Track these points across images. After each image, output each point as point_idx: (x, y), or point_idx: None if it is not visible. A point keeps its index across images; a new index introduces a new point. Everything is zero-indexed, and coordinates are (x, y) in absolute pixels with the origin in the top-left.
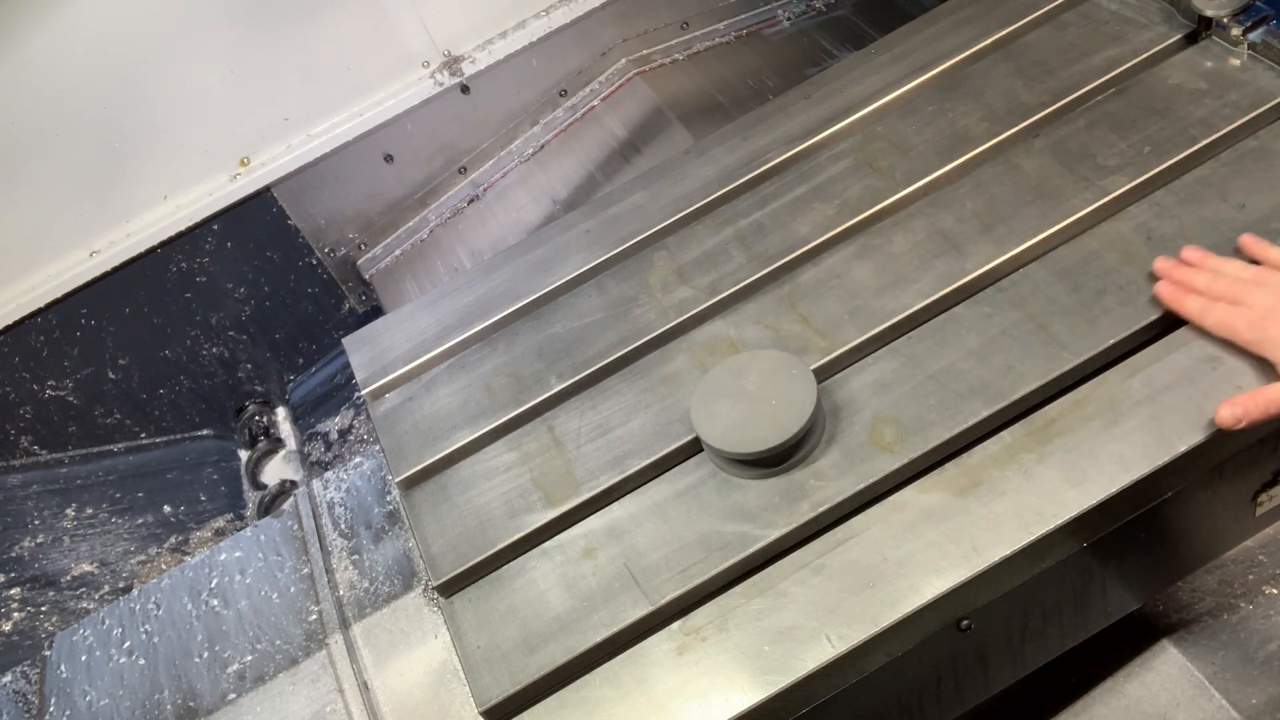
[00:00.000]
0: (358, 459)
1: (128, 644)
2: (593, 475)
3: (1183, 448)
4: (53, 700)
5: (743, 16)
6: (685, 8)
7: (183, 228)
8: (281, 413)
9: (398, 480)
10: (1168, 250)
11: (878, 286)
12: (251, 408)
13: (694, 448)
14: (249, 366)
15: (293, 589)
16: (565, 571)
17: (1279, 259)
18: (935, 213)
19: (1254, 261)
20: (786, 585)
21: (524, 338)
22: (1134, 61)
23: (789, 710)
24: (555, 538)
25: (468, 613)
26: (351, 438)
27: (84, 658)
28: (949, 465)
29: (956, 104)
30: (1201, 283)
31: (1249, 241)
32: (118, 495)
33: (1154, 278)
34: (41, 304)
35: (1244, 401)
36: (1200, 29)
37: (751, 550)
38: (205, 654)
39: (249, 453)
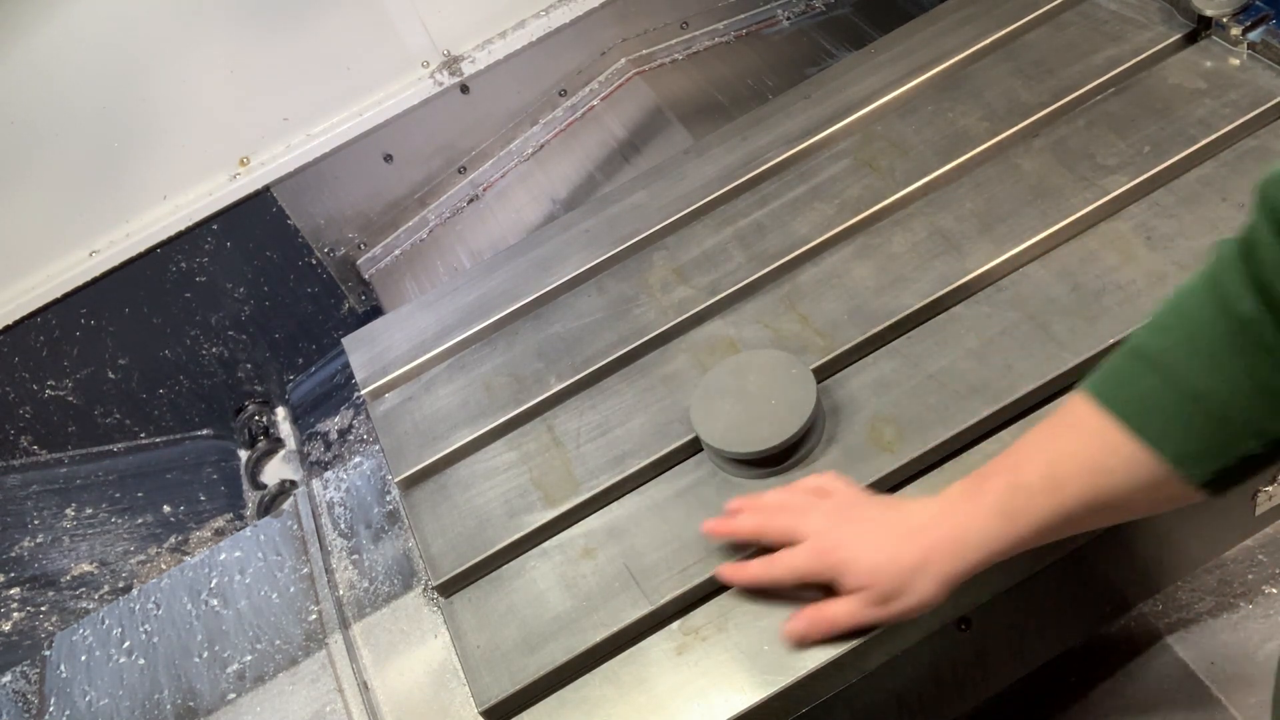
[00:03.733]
0: (357, 459)
1: (127, 644)
2: (592, 475)
3: None
4: (52, 700)
5: (742, 16)
6: (685, 8)
7: (182, 228)
8: (281, 412)
9: (397, 480)
10: (1168, 250)
11: (877, 286)
12: (251, 407)
13: (694, 447)
14: (249, 366)
15: (292, 589)
16: (565, 571)
17: (816, 482)
18: (935, 212)
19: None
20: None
21: (524, 337)
22: (1134, 61)
23: (789, 710)
24: (555, 537)
25: (467, 612)
26: (351, 437)
27: (84, 657)
28: (948, 465)
29: (956, 104)
30: (754, 528)
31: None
32: (117, 495)
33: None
34: (41, 304)
35: (805, 624)
36: (1200, 29)
37: (751, 550)
38: (205, 654)
39: (249, 453)
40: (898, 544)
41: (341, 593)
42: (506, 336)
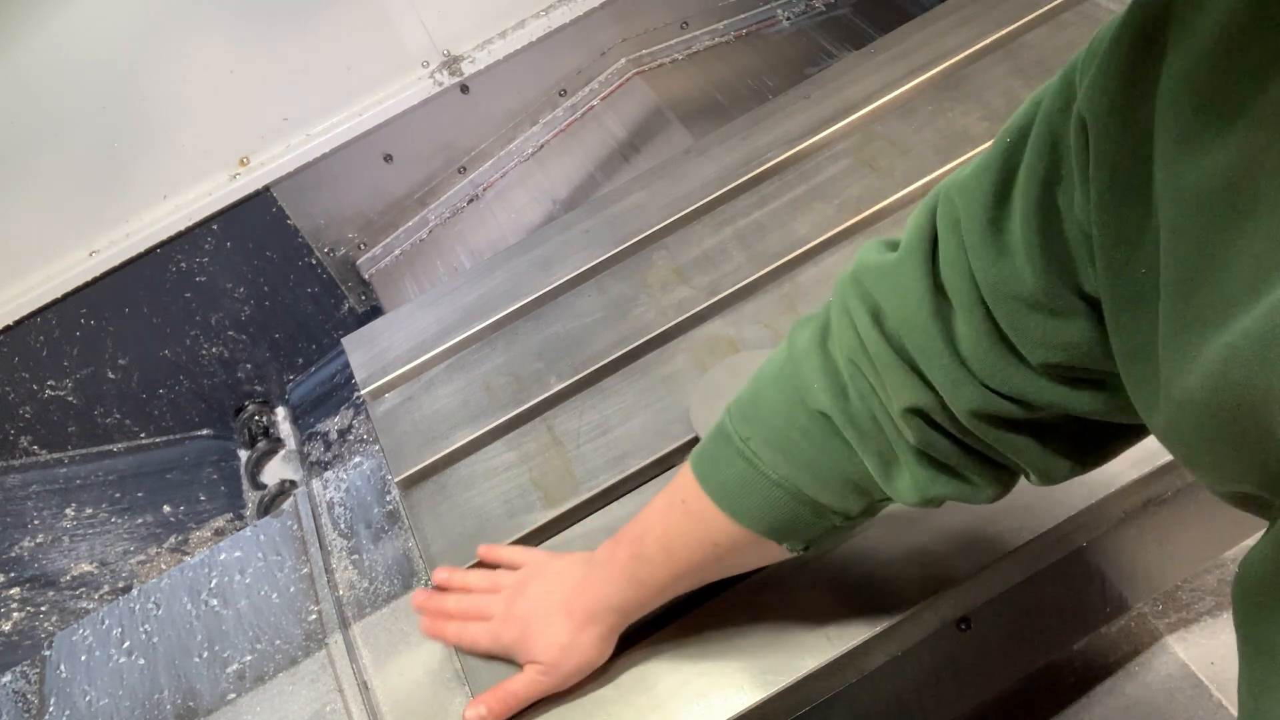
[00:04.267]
0: (357, 459)
1: (127, 644)
2: (592, 475)
3: None
4: (52, 700)
5: (742, 16)
6: (685, 7)
7: (182, 228)
8: (281, 412)
9: (397, 480)
10: None
11: None
12: (251, 407)
13: (693, 447)
14: (248, 366)
15: (292, 589)
16: None
17: (507, 557)
18: None
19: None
20: (786, 584)
21: (524, 337)
22: None
23: (789, 710)
24: (555, 537)
25: None
26: (351, 437)
27: (83, 657)
28: None
29: (956, 103)
30: (452, 606)
31: (483, 551)
32: (117, 495)
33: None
34: (41, 304)
35: (487, 700)
36: None
37: None
38: (205, 654)
39: (248, 453)
40: (553, 618)
41: (341, 593)
42: (506, 336)
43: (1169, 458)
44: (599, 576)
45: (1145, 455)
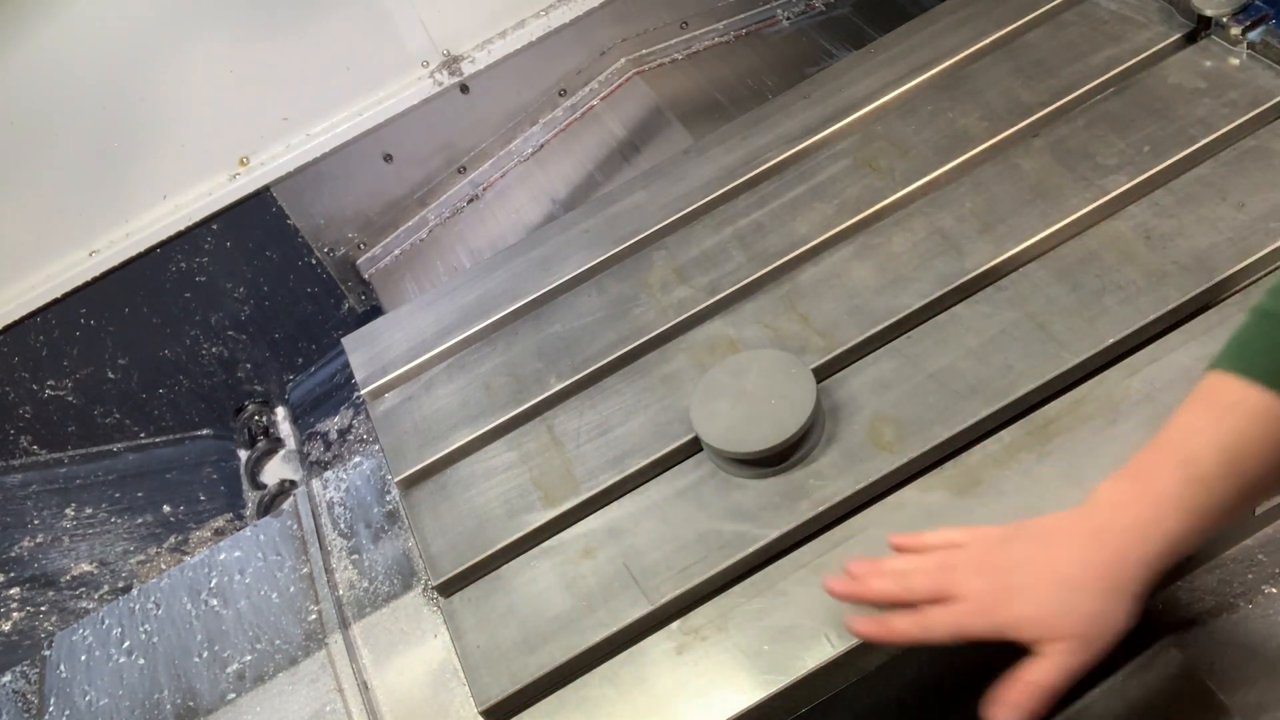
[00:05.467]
0: (357, 459)
1: (127, 644)
2: (592, 475)
3: None
4: (52, 700)
5: (742, 16)
6: (684, 7)
7: (182, 227)
8: (281, 412)
9: (397, 480)
10: (1167, 250)
11: (877, 286)
12: (251, 407)
13: (693, 447)
14: (248, 366)
15: (292, 589)
16: (565, 571)
17: (941, 537)
18: (934, 212)
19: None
20: (786, 585)
21: (523, 337)
22: (1133, 61)
23: (789, 709)
24: (555, 537)
25: (467, 612)
26: (351, 437)
27: (83, 657)
28: (948, 465)
29: (956, 103)
30: (893, 591)
31: (903, 540)
32: (117, 495)
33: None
34: (41, 304)
35: (1017, 702)
36: (1199, 28)
37: (751, 550)
38: (205, 654)
39: (248, 452)
40: (1071, 574)
41: (341, 593)
42: (506, 336)
43: None
44: (1133, 519)
45: None
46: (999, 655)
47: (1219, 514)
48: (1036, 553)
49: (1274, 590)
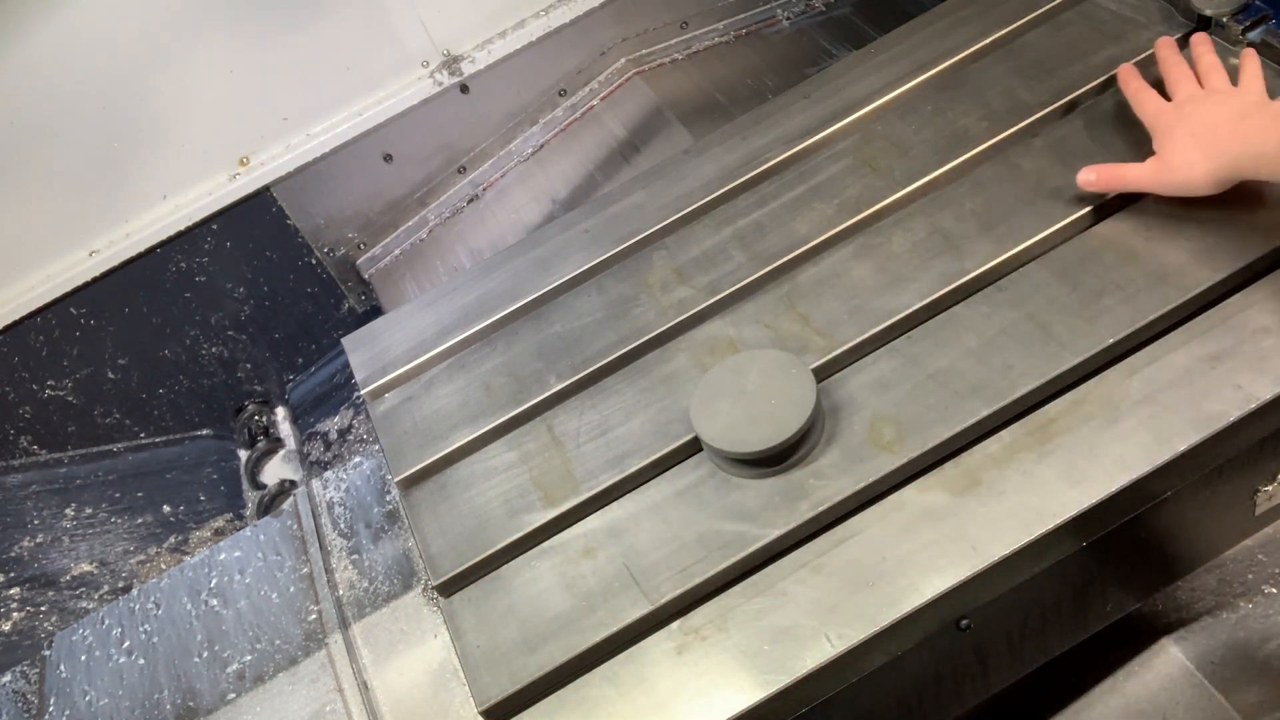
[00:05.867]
0: (357, 459)
1: (127, 644)
2: (592, 475)
3: (1182, 447)
4: (52, 700)
5: (742, 16)
6: (684, 7)
7: (182, 227)
8: (281, 412)
9: (397, 480)
10: (1167, 249)
11: (877, 286)
12: (251, 407)
13: (693, 447)
14: (248, 366)
15: (292, 589)
16: (565, 571)
17: (1244, 64)
18: (934, 212)
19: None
20: (786, 584)
21: (523, 337)
22: (1133, 61)
23: (789, 710)
24: (555, 537)
25: (467, 612)
26: (351, 437)
27: (83, 657)
28: (948, 465)
29: (956, 103)
30: (1168, 67)
31: (1245, 54)
32: (117, 495)
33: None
34: (41, 304)
35: (1100, 170)
36: (1199, 28)
37: (751, 549)
38: (205, 654)
39: (248, 452)
40: (1206, 127)
41: (341, 593)
42: (506, 336)
43: (1167, 457)
44: (1263, 126)
45: (1144, 456)
46: (997, 657)
47: None
48: (1219, 106)
49: (1274, 590)
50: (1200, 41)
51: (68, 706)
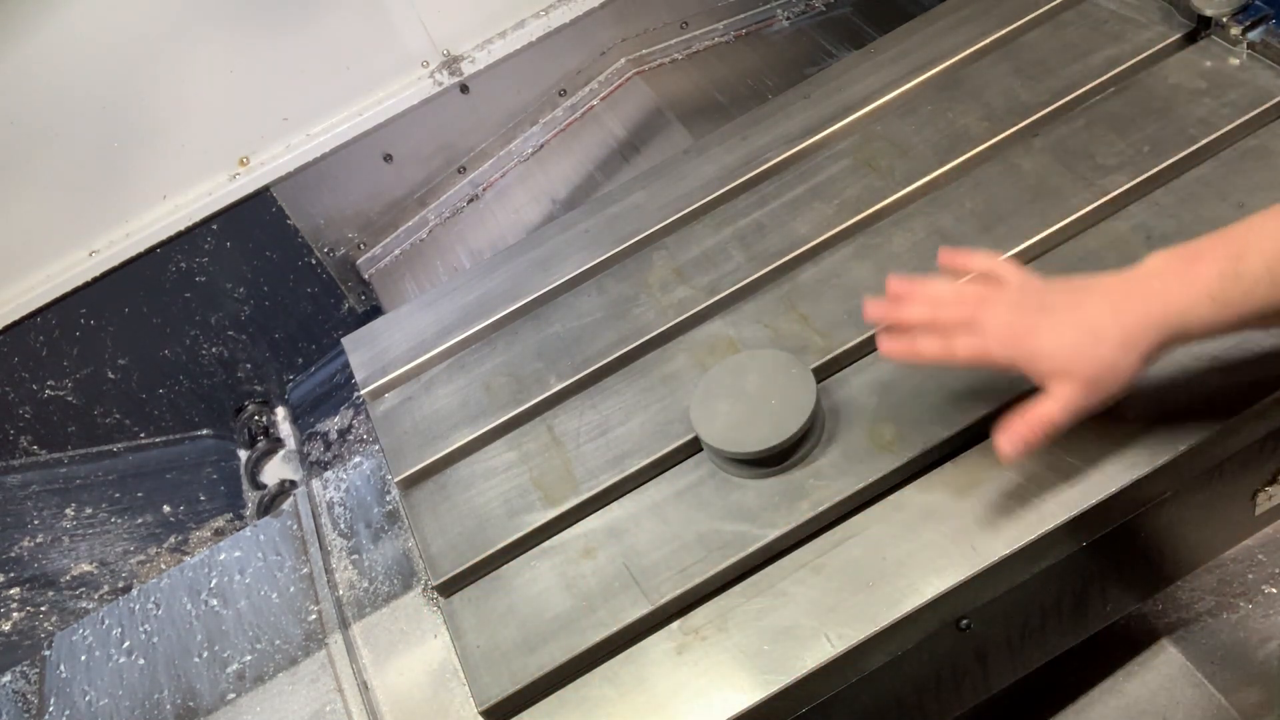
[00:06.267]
0: (357, 459)
1: (127, 644)
2: (592, 475)
3: (1182, 447)
4: (52, 700)
5: (742, 16)
6: (684, 7)
7: (182, 228)
8: (281, 412)
9: (397, 480)
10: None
11: (877, 286)
12: (251, 407)
13: (693, 447)
14: (248, 366)
15: (292, 589)
16: (565, 571)
17: (987, 265)
18: (934, 212)
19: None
20: (786, 585)
21: (523, 337)
22: (1133, 61)
23: (789, 710)
24: (555, 537)
25: (467, 612)
26: (351, 437)
27: (83, 657)
28: (949, 465)
29: (956, 103)
30: (921, 315)
31: (947, 257)
32: (117, 495)
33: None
34: (41, 304)
35: (1019, 432)
36: (1199, 28)
37: (751, 550)
38: (205, 654)
39: (248, 452)
40: (1096, 322)
41: (341, 593)
42: (506, 336)
43: (1167, 457)
44: (1163, 290)
45: (1144, 456)
46: (997, 657)
47: (1247, 313)
48: (1069, 299)
49: (1274, 590)
50: (909, 283)
51: (68, 706)
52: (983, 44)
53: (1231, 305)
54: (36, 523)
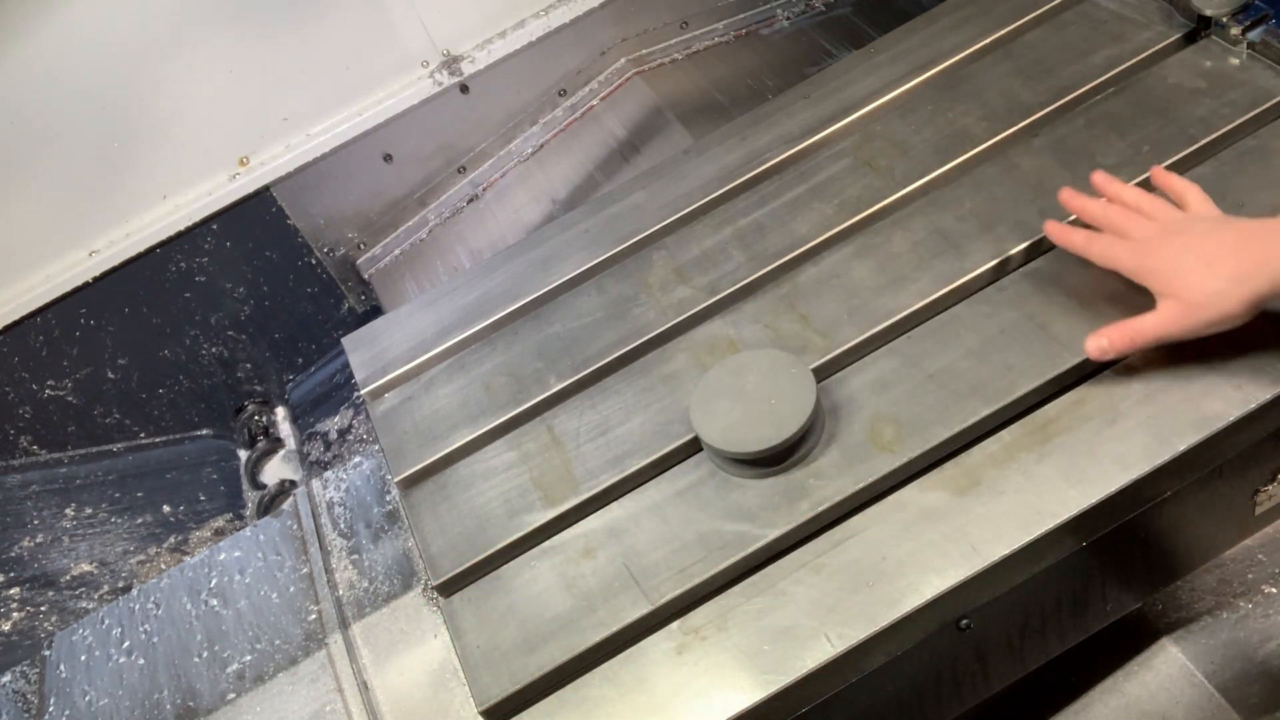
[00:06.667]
0: (357, 458)
1: (127, 644)
2: (592, 475)
3: (1182, 447)
4: (52, 700)
5: (742, 16)
6: (684, 7)
7: (182, 227)
8: (281, 412)
9: (397, 480)
10: None
11: (877, 286)
12: (251, 407)
13: (693, 447)
14: (248, 366)
15: (292, 589)
16: (565, 571)
17: (1179, 188)
18: (934, 212)
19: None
20: (786, 584)
21: (523, 337)
22: (1133, 61)
23: (788, 710)
24: (554, 537)
25: (467, 612)
26: (351, 437)
27: (83, 657)
28: (948, 465)
29: (955, 103)
30: (1095, 211)
31: (1158, 174)
32: (117, 495)
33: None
34: (41, 304)
35: (1110, 333)
36: (1199, 28)
37: (751, 549)
38: (205, 654)
39: (248, 452)
40: (1216, 253)
41: (341, 593)
42: (506, 336)
43: (1167, 457)
44: None
45: (1144, 456)
46: (997, 657)
47: None
48: (1207, 229)
49: (1274, 590)
50: (1108, 180)
51: (68, 706)
52: (983, 44)
53: None
54: (36, 523)
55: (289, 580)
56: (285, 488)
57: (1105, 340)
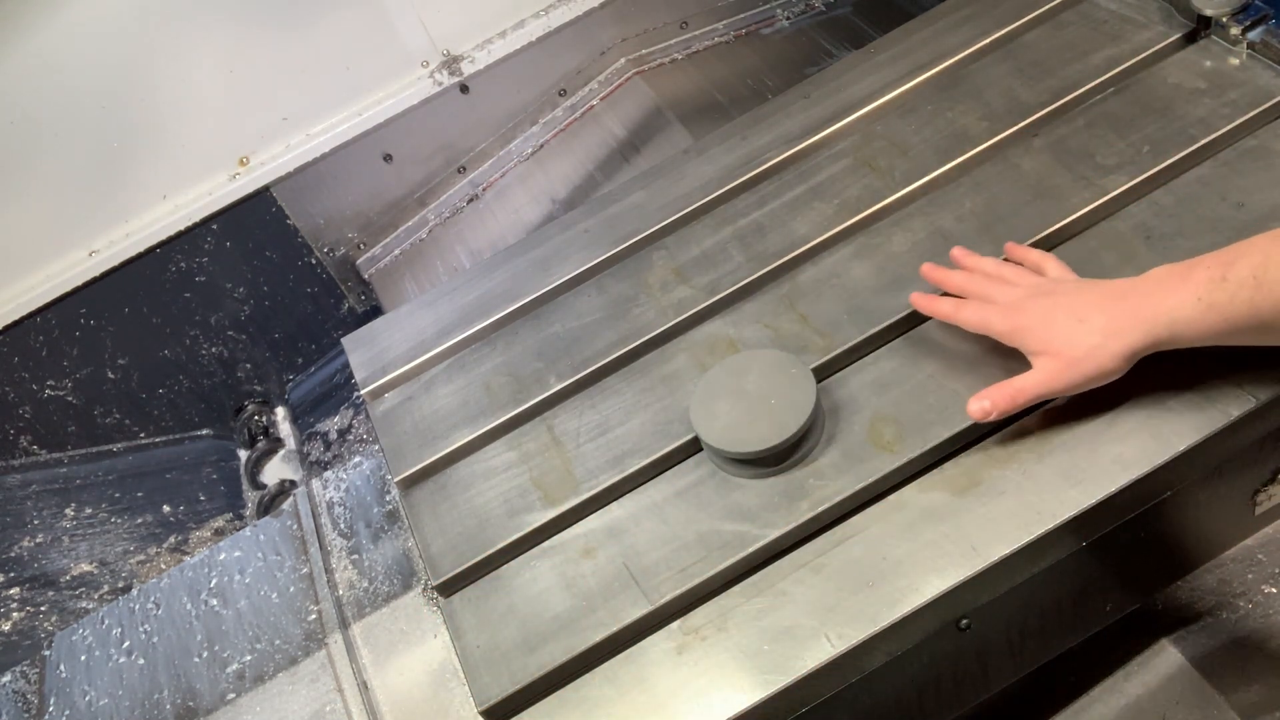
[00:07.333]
0: (357, 459)
1: (127, 644)
2: (592, 475)
3: (1182, 447)
4: (52, 700)
5: (742, 16)
6: (684, 7)
7: (182, 227)
8: (281, 412)
9: (397, 480)
10: (1167, 250)
11: (877, 286)
12: (251, 407)
13: (693, 447)
14: (248, 366)
15: (292, 589)
16: (564, 571)
17: (1034, 258)
18: (934, 212)
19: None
20: (786, 584)
21: (523, 337)
22: (1133, 61)
23: (788, 710)
24: (554, 537)
25: (467, 612)
26: (351, 437)
27: (83, 657)
28: (949, 465)
29: (955, 103)
30: (960, 281)
31: (1011, 247)
32: (117, 495)
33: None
34: (41, 304)
35: (991, 394)
36: (1199, 28)
37: (751, 550)
38: (205, 654)
39: (248, 452)
40: (1086, 309)
41: (341, 593)
42: (506, 336)
43: (1168, 457)
44: (1157, 290)
45: (1144, 456)
46: (997, 657)
47: (1234, 318)
48: (1073, 289)
49: (1274, 590)
50: (965, 254)
51: (68, 706)
52: (983, 44)
53: (1216, 308)
54: (36, 523)
55: (289, 580)
56: (285, 488)
57: (988, 401)
